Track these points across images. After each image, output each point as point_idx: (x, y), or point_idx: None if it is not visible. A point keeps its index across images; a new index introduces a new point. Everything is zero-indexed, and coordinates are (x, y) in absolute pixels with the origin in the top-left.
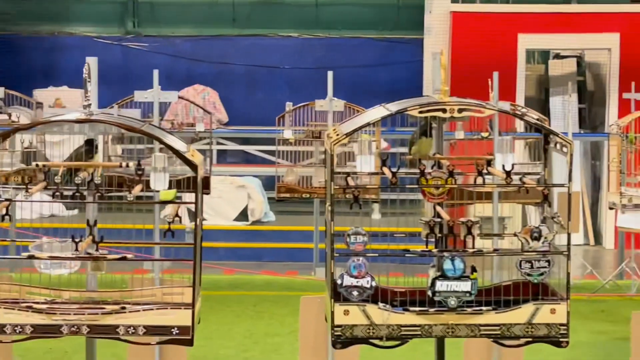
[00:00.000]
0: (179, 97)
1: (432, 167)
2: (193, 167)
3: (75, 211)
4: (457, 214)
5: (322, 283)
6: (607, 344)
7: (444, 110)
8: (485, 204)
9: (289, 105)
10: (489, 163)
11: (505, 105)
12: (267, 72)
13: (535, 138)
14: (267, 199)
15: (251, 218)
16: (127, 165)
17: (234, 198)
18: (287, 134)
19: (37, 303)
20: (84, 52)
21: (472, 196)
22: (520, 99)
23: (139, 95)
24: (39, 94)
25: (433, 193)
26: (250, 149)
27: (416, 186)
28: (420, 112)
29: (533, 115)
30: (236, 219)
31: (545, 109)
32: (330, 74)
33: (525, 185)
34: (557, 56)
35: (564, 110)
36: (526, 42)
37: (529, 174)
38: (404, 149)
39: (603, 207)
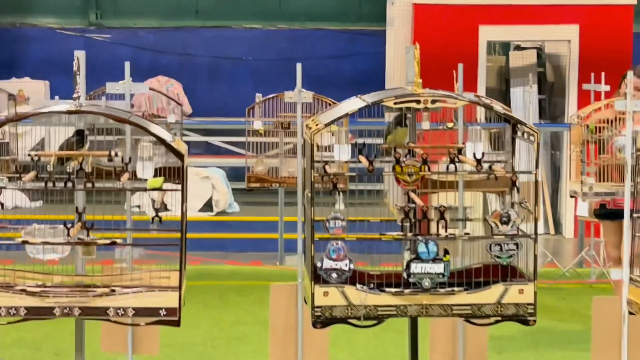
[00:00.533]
0: (150, 89)
1: (406, 156)
2: (179, 156)
3: (39, 203)
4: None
5: (287, 272)
6: (568, 330)
7: (418, 102)
8: (449, 193)
9: (258, 97)
10: (460, 151)
11: (470, 97)
12: (230, 64)
13: (497, 128)
14: (231, 190)
15: (216, 209)
16: (116, 155)
17: (198, 189)
18: (257, 125)
19: (31, 287)
20: (47, 44)
21: (439, 185)
22: (481, 90)
23: (111, 87)
24: (1, 86)
25: (407, 180)
26: (216, 140)
27: (391, 173)
28: (396, 103)
29: (497, 106)
30: (201, 210)
31: (506, 100)
32: (299, 66)
33: (496, 173)
34: (518, 48)
35: (524, 101)
36: (487, 34)
37: (496, 162)
38: (369, 139)
39: (563, 197)
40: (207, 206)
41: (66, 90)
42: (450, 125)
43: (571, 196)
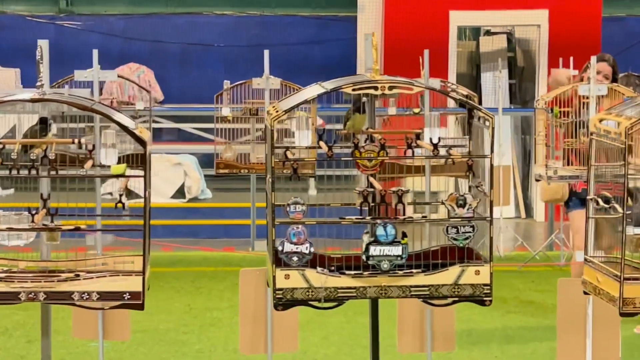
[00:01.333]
0: (119, 76)
1: (365, 141)
2: (142, 143)
3: (11, 191)
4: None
5: (259, 257)
6: (536, 312)
7: (376, 88)
8: (416, 179)
9: (226, 84)
10: (418, 136)
11: (436, 83)
12: (201, 50)
13: (464, 113)
14: (203, 177)
15: (188, 195)
16: (80, 142)
17: (170, 176)
18: (225, 111)
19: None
20: (17, 32)
21: (403, 170)
22: (452, 76)
23: (79, 75)
24: None
25: (366, 165)
26: (187, 126)
27: (350, 159)
28: (354, 90)
29: (462, 92)
30: (173, 197)
31: (476, 85)
32: (266, 52)
33: (451, 157)
34: (488, 33)
35: (494, 86)
36: (457, 19)
37: (456, 146)
38: (340, 125)
39: (533, 181)
40: (180, 193)
41: (37, 78)
42: (416, 110)
43: (536, 180)
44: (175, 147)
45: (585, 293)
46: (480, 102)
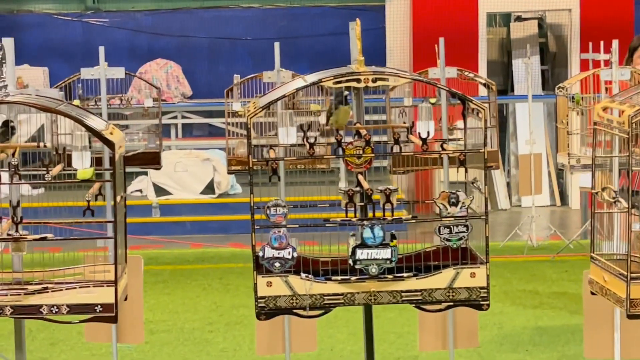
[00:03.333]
0: (126, 74)
1: (354, 137)
2: (110, 145)
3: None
4: (422, 180)
5: None
6: (569, 303)
7: (359, 80)
8: (452, 170)
9: (236, 78)
10: (410, 130)
11: (453, 71)
12: (229, 44)
13: (486, 102)
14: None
15: (217, 191)
16: (45, 146)
17: (199, 171)
18: (236, 106)
19: None
20: (45, 30)
21: (423, 163)
22: (482, 63)
23: (86, 73)
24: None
25: (355, 162)
26: (216, 121)
27: (333, 157)
28: (335, 83)
29: (480, 80)
30: (202, 192)
31: (508, 72)
32: (276, 44)
33: (443, 152)
34: (519, 18)
35: (526, 73)
36: (487, 5)
37: (449, 140)
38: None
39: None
40: (209, 188)
41: (65, 76)
42: (433, 100)
43: (559, 169)
44: (204, 142)
45: (592, 293)
46: (512, 90)
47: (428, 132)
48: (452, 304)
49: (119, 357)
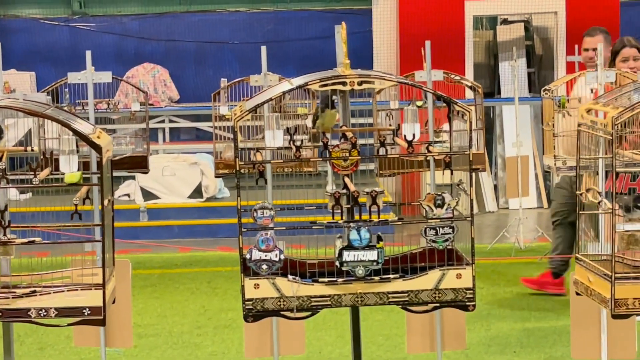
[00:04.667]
0: (113, 78)
1: (340, 139)
2: (97, 149)
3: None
4: (409, 182)
5: None
6: (556, 306)
7: (344, 83)
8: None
9: (223, 82)
10: (395, 132)
11: (439, 74)
12: (216, 48)
13: (471, 104)
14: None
15: (205, 195)
16: (32, 150)
17: (187, 175)
18: (223, 110)
19: None
20: (31, 35)
21: (409, 165)
22: (469, 66)
23: (73, 77)
24: None
25: (342, 165)
26: (205, 125)
27: (319, 159)
28: (321, 86)
29: (467, 83)
30: (190, 196)
31: (495, 75)
32: (263, 48)
33: (428, 155)
34: (505, 21)
35: (512, 76)
36: (473, 8)
37: (437, 142)
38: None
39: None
40: (197, 192)
41: (52, 81)
42: (419, 103)
43: (546, 171)
44: (192, 146)
45: (577, 294)
46: (499, 92)
47: (414, 135)
48: (438, 305)
49: None
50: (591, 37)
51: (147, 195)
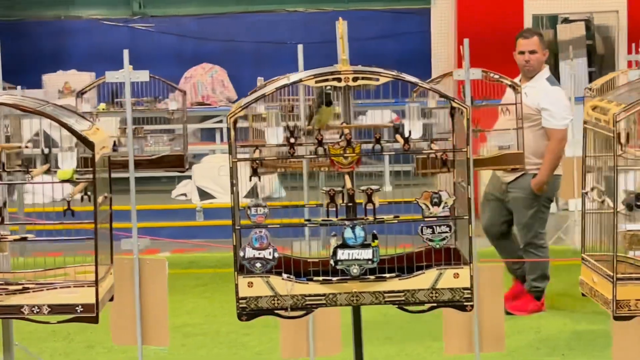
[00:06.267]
0: (150, 77)
1: (340, 137)
2: (89, 145)
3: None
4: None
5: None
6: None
7: (339, 79)
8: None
9: (259, 80)
10: (397, 130)
11: (477, 72)
12: (274, 48)
13: (512, 104)
14: (277, 176)
15: (261, 195)
16: (27, 147)
17: (243, 175)
18: (260, 109)
19: None
20: (91, 35)
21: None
22: None
23: (110, 76)
24: (48, 79)
25: (342, 163)
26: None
27: (313, 156)
28: (317, 82)
29: (507, 81)
30: (246, 196)
31: (555, 74)
32: (300, 47)
33: (426, 151)
34: (566, 20)
35: (572, 75)
36: (532, 7)
37: (438, 140)
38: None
39: None
40: (253, 192)
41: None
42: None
43: (588, 171)
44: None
45: (583, 295)
46: None
47: (410, 132)
48: (435, 305)
49: None
50: (526, 39)
51: (204, 195)
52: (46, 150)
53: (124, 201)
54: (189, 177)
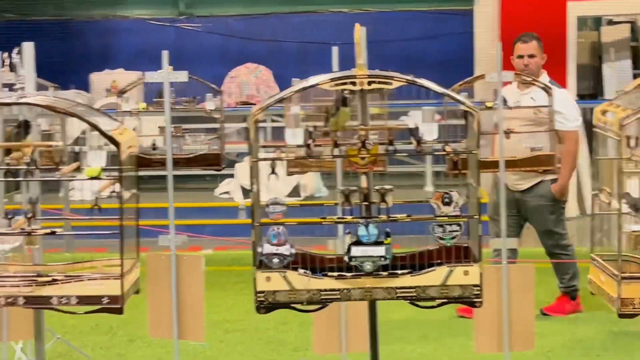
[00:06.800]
0: (190, 77)
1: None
2: (116, 144)
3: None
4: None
5: None
6: None
7: (354, 83)
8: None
9: (295, 81)
10: (412, 132)
11: (509, 75)
12: (318, 49)
13: (545, 107)
14: (319, 175)
15: (303, 193)
16: (57, 145)
17: (285, 174)
18: (295, 110)
19: None
20: (138, 35)
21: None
22: (571, 67)
23: (150, 77)
24: (96, 78)
25: (359, 163)
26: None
27: (326, 156)
28: (333, 86)
29: (539, 84)
30: (289, 195)
31: (599, 76)
32: (335, 49)
33: (439, 152)
34: (611, 22)
35: (617, 77)
36: (576, 9)
37: (449, 141)
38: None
39: None
40: (295, 191)
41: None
42: (489, 104)
43: None
44: None
45: (591, 294)
46: (602, 94)
47: (421, 132)
48: (445, 301)
49: (193, 355)
50: (525, 43)
51: (247, 193)
52: (77, 149)
53: (165, 199)
54: (232, 175)
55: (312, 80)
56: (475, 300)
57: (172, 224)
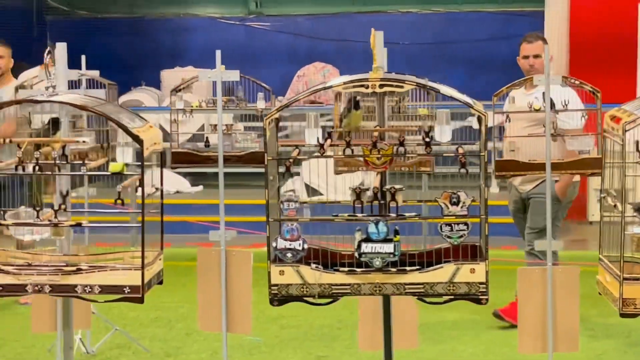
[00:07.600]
0: (241, 76)
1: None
2: (139, 142)
3: (200, 187)
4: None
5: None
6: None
7: (367, 86)
8: None
9: None
10: (428, 133)
11: (558, 78)
12: (386, 49)
13: (592, 110)
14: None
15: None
16: (84, 142)
17: (351, 173)
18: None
19: (9, 265)
20: (209, 33)
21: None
22: None
23: (203, 75)
24: (166, 75)
25: (375, 163)
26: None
27: (341, 156)
28: (345, 88)
29: (587, 87)
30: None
31: None
32: (384, 50)
33: (450, 154)
34: None
35: None
36: None
37: (465, 143)
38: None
39: None
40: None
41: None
42: (537, 107)
43: None
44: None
45: (599, 294)
46: None
47: (431, 135)
48: (452, 297)
49: (248, 349)
50: (530, 43)
51: (312, 191)
52: (105, 145)
53: (230, 196)
54: (298, 173)
55: (330, 82)
56: (481, 297)
57: (222, 220)
